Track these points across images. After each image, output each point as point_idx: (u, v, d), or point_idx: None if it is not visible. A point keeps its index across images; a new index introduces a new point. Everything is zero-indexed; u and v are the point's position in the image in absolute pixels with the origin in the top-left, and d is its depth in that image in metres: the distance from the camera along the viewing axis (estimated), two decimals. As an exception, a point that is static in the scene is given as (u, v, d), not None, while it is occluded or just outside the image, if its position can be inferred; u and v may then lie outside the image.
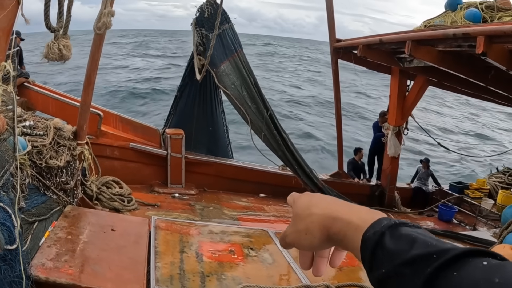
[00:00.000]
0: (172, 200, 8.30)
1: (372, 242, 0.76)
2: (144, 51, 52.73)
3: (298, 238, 0.92)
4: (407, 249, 0.70)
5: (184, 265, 4.56)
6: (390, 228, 0.76)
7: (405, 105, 10.34)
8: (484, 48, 5.70)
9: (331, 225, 0.87)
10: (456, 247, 0.67)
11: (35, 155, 4.80)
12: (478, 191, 10.91)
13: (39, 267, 3.79)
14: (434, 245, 0.69)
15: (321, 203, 0.93)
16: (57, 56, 3.74)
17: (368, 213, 0.84)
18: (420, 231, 0.74)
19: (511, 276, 0.59)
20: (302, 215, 0.93)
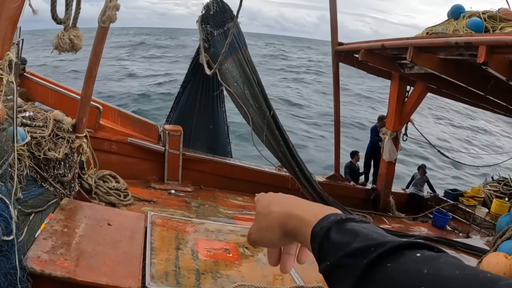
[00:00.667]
0: (168, 196, 8.29)
1: (320, 236, 0.80)
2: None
3: (260, 235, 0.97)
4: (350, 242, 0.73)
5: (179, 262, 4.56)
6: (336, 223, 0.80)
7: (404, 110, 10.37)
8: (485, 58, 5.73)
9: (287, 221, 0.91)
10: (395, 239, 0.71)
11: (33, 147, 4.78)
12: (472, 199, 10.93)
13: (35, 259, 3.77)
14: (375, 238, 0.72)
15: (280, 201, 0.98)
16: (68, 46, 3.72)
17: (320, 209, 0.88)
18: (366, 226, 0.78)
19: (440, 267, 0.63)
20: (263, 213, 0.98)
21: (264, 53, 61.33)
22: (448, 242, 7.29)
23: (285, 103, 29.21)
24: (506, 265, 4.49)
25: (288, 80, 40.31)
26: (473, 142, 28.67)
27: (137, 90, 28.46)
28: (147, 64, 41.34)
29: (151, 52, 52.20)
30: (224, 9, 8.44)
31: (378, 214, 10.57)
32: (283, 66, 50.13)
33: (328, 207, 0.89)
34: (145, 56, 47.68)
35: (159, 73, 35.31)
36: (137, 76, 34.02)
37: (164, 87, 29.08)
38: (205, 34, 8.34)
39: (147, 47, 57.33)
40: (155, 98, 26.34)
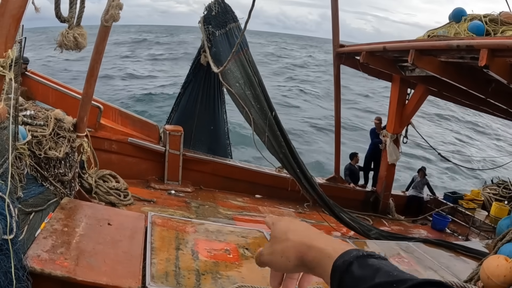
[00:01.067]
0: (168, 196, 8.28)
1: (341, 269, 0.83)
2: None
3: (274, 259, 0.99)
4: (371, 277, 0.78)
5: (179, 262, 4.55)
6: (358, 258, 0.83)
7: (404, 113, 10.39)
8: (486, 61, 5.73)
9: (306, 252, 0.93)
10: (414, 278, 0.76)
11: (34, 145, 4.77)
12: (472, 202, 10.95)
13: (35, 258, 3.76)
14: (395, 275, 0.77)
15: (298, 230, 1.00)
16: (72, 44, 3.71)
17: (340, 244, 0.92)
18: (385, 262, 0.83)
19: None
20: (280, 239, 1.00)
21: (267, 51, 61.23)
22: (448, 244, 7.27)
23: (287, 105, 29.13)
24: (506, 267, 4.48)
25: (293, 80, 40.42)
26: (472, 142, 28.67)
27: (139, 90, 28.45)
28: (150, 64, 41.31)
29: (154, 50, 52.27)
30: (225, 10, 8.45)
31: (378, 216, 10.57)
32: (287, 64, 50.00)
33: (347, 243, 0.97)
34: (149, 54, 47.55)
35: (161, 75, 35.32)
36: (138, 77, 33.99)
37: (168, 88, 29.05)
38: (207, 35, 8.33)
39: (150, 44, 57.35)
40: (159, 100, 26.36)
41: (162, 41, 64.24)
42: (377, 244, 6.90)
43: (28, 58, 8.04)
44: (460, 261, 6.69)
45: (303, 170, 7.95)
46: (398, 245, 6.87)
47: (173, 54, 48.39)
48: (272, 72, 42.75)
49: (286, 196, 9.68)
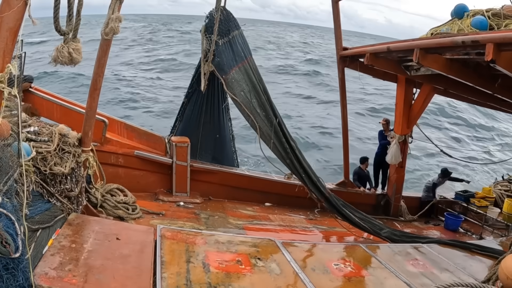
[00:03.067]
0: (177, 208, 8.22)
1: None
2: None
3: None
4: None
5: (190, 276, 4.45)
6: None
7: (411, 113, 10.30)
8: (493, 56, 5.65)
9: None
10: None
11: (39, 162, 4.73)
12: (484, 199, 10.80)
13: (42, 276, 3.69)
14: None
15: None
16: (67, 59, 3.68)
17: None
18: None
19: None
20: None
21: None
22: (462, 244, 7.13)
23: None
24: (526, 267, 4.35)
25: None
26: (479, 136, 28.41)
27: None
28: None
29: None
30: (228, 18, 8.39)
31: (390, 219, 10.43)
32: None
33: None
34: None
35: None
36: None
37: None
38: (209, 44, 8.28)
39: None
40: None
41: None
42: (391, 247, 6.77)
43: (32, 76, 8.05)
44: (475, 260, 6.55)
45: (309, 174, 7.86)
46: (412, 247, 6.73)
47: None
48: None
49: (296, 203, 9.59)
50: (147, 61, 41.14)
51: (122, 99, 26.32)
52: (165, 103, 26.12)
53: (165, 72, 36.89)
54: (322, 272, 5.10)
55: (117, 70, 33.05)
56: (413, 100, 10.26)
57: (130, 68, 36.57)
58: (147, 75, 34.90)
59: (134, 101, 26.45)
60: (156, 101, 26.98)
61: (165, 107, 25.18)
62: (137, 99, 26.84)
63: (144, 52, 46.12)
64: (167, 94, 28.73)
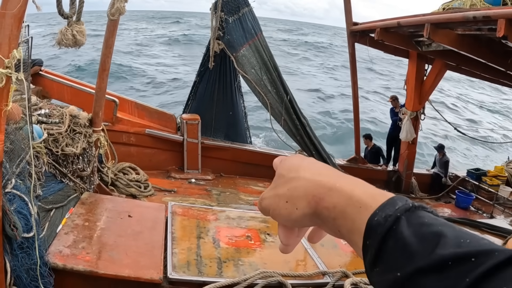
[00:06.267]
0: (188, 185, 8.33)
1: (384, 229, 0.56)
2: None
3: (277, 205, 0.72)
4: (432, 247, 0.51)
5: (201, 251, 4.57)
6: (407, 212, 0.57)
7: (423, 89, 10.16)
8: (505, 32, 5.53)
9: (324, 196, 0.66)
10: (499, 247, 0.50)
11: (51, 143, 4.83)
12: (496, 178, 10.71)
13: (57, 254, 3.82)
14: (468, 243, 0.50)
15: (315, 167, 0.72)
16: (71, 42, 3.72)
17: (377, 190, 0.65)
18: (444, 221, 0.56)
19: None
20: (287, 177, 0.72)
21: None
22: (472, 223, 7.14)
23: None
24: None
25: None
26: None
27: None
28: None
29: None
30: None
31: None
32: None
33: (383, 190, 0.65)
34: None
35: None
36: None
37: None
38: (219, 22, 8.23)
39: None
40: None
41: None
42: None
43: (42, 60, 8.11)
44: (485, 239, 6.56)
45: (319, 151, 7.90)
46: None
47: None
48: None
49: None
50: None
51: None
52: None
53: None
54: (331, 247, 5.17)
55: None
56: (425, 76, 10.10)
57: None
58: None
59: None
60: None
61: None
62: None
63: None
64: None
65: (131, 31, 51.96)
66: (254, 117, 17.00)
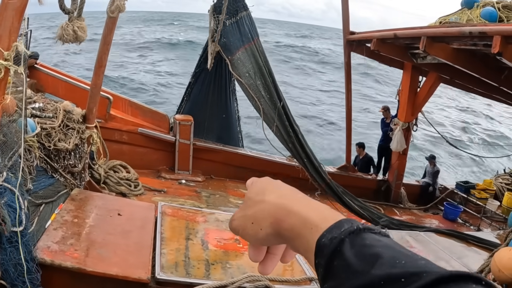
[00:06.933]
0: (178, 186, 8.32)
1: (329, 250, 0.62)
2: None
3: (244, 225, 0.78)
4: (369, 267, 0.57)
5: (189, 252, 4.56)
6: (351, 235, 0.63)
7: (416, 101, 10.25)
8: (500, 48, 5.61)
9: (284, 218, 0.72)
10: (430, 267, 0.54)
11: (43, 137, 4.80)
12: (484, 191, 10.81)
13: (45, 249, 3.79)
14: (403, 264, 0.55)
15: (278, 190, 0.79)
16: (72, 37, 3.71)
17: (330, 212, 0.71)
18: (388, 241, 0.62)
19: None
20: (254, 200, 0.79)
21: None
22: (459, 235, 7.21)
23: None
24: (518, 259, 4.43)
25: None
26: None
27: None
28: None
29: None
30: None
31: (389, 205, 10.51)
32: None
33: (338, 212, 0.71)
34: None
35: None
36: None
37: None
38: (216, 24, 8.25)
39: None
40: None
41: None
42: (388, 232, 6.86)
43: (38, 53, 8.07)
44: (471, 251, 6.63)
45: (311, 159, 7.92)
46: (409, 234, 6.82)
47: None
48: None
49: (297, 185, 9.30)
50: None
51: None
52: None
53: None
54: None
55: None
56: (418, 88, 10.20)
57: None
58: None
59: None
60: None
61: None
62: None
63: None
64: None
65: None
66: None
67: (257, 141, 16.11)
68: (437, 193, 11.09)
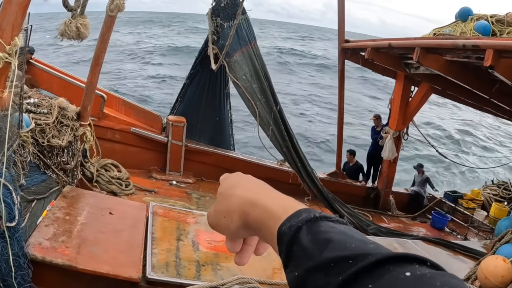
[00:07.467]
0: (169, 187, 8.31)
1: (288, 237, 0.67)
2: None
3: (217, 220, 0.83)
4: (321, 250, 0.61)
5: (180, 253, 4.57)
6: (308, 223, 0.67)
7: (407, 111, 10.36)
8: (492, 62, 5.72)
9: (250, 210, 0.77)
10: (378, 250, 0.59)
11: (37, 133, 4.79)
12: (472, 201, 10.93)
13: (36, 246, 3.78)
14: (353, 247, 0.60)
15: (246, 184, 0.84)
16: (75, 34, 3.72)
17: (291, 202, 0.75)
18: (343, 228, 0.66)
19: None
20: (225, 195, 0.84)
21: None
22: (446, 243, 7.29)
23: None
24: (504, 268, 4.50)
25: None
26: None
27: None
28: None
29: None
30: (235, 2, 8.39)
31: (378, 213, 10.59)
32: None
33: (300, 202, 0.75)
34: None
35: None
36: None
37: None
38: (214, 27, 8.29)
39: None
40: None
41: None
42: (376, 239, 6.93)
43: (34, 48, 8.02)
44: (458, 260, 6.71)
45: (305, 164, 7.96)
46: (397, 242, 6.89)
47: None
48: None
49: (286, 189, 9.50)
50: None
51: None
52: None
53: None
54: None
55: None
56: (410, 97, 10.32)
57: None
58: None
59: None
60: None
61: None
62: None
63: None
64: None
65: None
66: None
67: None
68: (425, 202, 11.20)
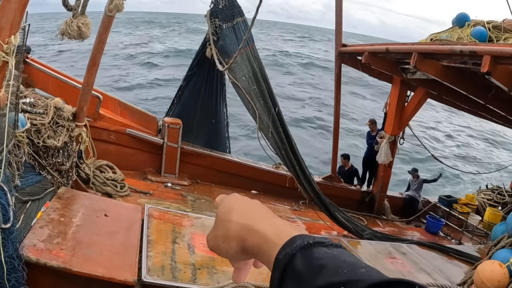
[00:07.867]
0: (164, 189, 8.26)
1: (283, 264, 0.70)
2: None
3: (217, 245, 0.85)
4: (314, 277, 0.64)
5: (176, 256, 4.54)
6: (302, 250, 0.70)
7: (403, 115, 10.38)
8: (489, 68, 5.74)
9: (247, 237, 0.79)
10: (369, 275, 0.61)
11: (33, 133, 4.74)
12: (466, 206, 10.97)
13: (31, 247, 3.73)
14: (344, 273, 0.62)
15: (241, 209, 0.85)
16: (76, 33, 3.68)
17: (286, 229, 0.78)
18: (336, 253, 0.68)
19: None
20: (222, 219, 0.85)
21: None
22: (441, 248, 7.31)
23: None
24: (500, 273, 4.50)
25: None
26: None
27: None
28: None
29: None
30: (232, 4, 8.40)
31: (373, 217, 10.60)
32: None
33: (295, 227, 0.79)
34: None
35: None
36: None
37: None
38: (213, 28, 8.29)
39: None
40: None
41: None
42: (372, 244, 6.93)
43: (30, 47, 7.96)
44: (452, 264, 6.73)
45: (303, 168, 7.93)
46: (392, 246, 6.89)
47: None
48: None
49: (282, 193, 9.69)
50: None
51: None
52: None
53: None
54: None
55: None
56: (406, 102, 10.34)
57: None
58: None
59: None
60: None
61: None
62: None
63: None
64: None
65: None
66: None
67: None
68: (420, 206, 11.23)
